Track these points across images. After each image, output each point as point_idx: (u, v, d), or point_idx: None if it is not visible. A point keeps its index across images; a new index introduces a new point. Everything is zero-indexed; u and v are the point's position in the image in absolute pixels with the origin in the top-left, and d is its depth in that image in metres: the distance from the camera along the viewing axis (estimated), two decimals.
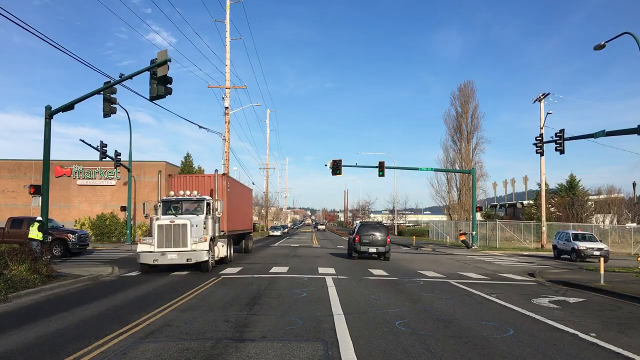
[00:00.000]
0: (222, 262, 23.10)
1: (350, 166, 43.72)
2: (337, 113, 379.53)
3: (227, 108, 46.49)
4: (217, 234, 21.37)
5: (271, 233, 73.59)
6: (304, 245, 45.15)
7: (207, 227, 20.56)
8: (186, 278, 17.96)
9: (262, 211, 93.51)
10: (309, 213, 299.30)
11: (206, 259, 19.23)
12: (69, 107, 19.21)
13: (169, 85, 19.22)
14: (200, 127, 42.39)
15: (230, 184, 25.71)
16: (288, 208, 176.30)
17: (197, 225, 19.89)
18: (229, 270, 20.73)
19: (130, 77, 19.58)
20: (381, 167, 42.71)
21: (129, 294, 14.02)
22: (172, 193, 22.35)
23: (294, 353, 7.71)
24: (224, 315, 10.81)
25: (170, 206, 21.18)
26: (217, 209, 21.07)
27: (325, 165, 41.17)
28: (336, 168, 40.65)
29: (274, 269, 21.26)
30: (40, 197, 19.78)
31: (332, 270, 21.09)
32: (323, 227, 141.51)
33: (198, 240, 19.19)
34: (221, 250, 22.58)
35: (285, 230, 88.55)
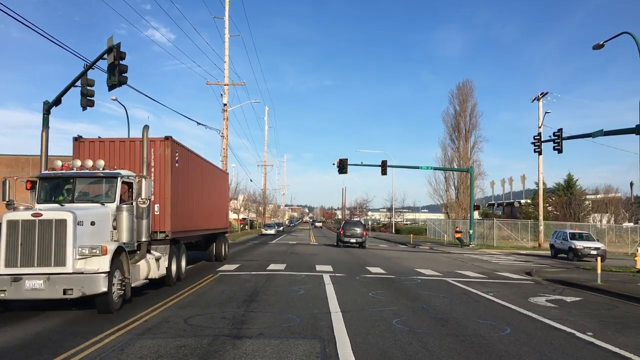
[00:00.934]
0: (162, 283, 14.30)
1: (356, 165, 45.30)
2: (336, 111, 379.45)
3: (225, 105, 46.45)
4: (143, 238, 12.74)
5: (264, 232, 66.39)
6: (301, 243, 45.18)
7: (120, 227, 11.84)
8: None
9: (260, 208, 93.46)
10: (307, 210, 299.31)
11: (103, 289, 10.16)
12: (57, 101, 18.87)
13: (124, 74, 17.82)
14: (199, 123, 42.11)
15: (182, 156, 16.33)
16: (286, 205, 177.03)
17: (94, 223, 11.07)
18: (226, 267, 20.73)
19: (91, 66, 18.60)
20: (384, 166, 43.54)
21: None
22: (59, 163, 12.79)
23: (291, 350, 7.71)
24: (221, 312, 10.81)
25: (59, 188, 12.42)
26: (141, 195, 12.18)
27: (333, 164, 42.40)
28: (342, 167, 41.69)
29: (272, 266, 21.26)
30: None
31: (329, 268, 21.09)
32: (320, 224, 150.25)
33: (88, 252, 10.33)
34: (153, 266, 13.44)
35: (281, 228, 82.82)
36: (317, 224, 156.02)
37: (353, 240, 37.68)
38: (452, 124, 70.16)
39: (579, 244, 31.45)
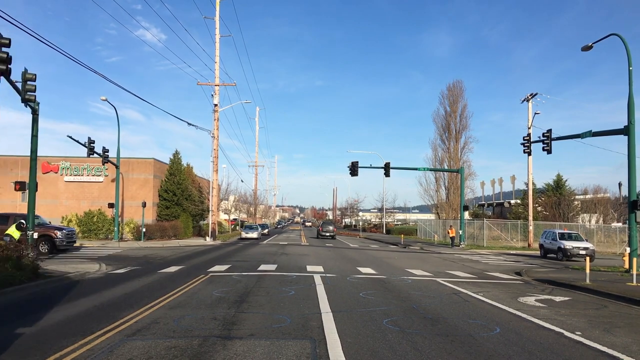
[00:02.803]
0: None
1: (366, 167, 47.52)
2: (327, 111, 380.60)
3: (216, 105, 46.41)
4: None
5: (244, 234, 53.93)
6: (292, 243, 45.14)
7: None
8: (174, 275, 17.90)
9: (251, 209, 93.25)
10: (298, 211, 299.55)
11: None
12: None
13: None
14: (189, 124, 42.04)
15: None
16: (277, 206, 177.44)
17: None
18: (217, 267, 20.68)
19: None
20: (387, 168, 44.66)
21: (116, 291, 13.94)
22: None
23: (282, 351, 7.71)
24: (212, 312, 10.79)
25: None
26: None
27: (348, 167, 43.87)
28: (354, 170, 43.45)
29: (262, 267, 21.23)
30: (27, 194, 19.67)
31: (320, 269, 21.10)
32: (310, 224, 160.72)
33: None
34: None
35: (266, 230, 70.21)
36: (307, 223, 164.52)
37: (327, 234, 60.86)
38: (442, 124, 70.45)
39: (568, 244, 31.69)
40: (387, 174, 44.83)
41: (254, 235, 53.72)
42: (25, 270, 15.37)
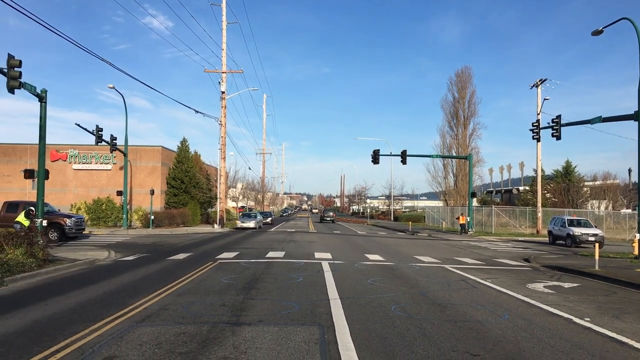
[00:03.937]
0: None
1: (386, 155, 48.77)
2: (334, 99, 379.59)
3: (223, 92, 46.34)
4: None
5: (240, 224, 46.92)
6: (300, 231, 45.22)
7: None
8: (182, 263, 18.00)
9: (259, 197, 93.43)
10: (305, 198, 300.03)
11: None
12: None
13: None
14: (197, 111, 42.06)
15: None
16: (284, 193, 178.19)
17: None
18: (225, 255, 20.77)
19: None
20: (403, 156, 45.65)
21: (126, 278, 14.04)
22: None
23: (290, 337, 7.73)
24: (221, 299, 10.84)
25: None
26: None
27: (371, 155, 45.21)
28: (375, 158, 45.06)
29: (270, 254, 21.30)
30: (37, 181, 19.80)
31: (328, 255, 21.14)
32: (317, 211, 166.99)
33: None
34: None
35: (268, 219, 62.21)
36: (314, 210, 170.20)
37: (328, 218, 74.21)
38: (450, 111, 70.07)
39: (577, 231, 31.55)
40: (404, 162, 45.52)
41: (251, 224, 46.69)
42: (36, 258, 15.49)
